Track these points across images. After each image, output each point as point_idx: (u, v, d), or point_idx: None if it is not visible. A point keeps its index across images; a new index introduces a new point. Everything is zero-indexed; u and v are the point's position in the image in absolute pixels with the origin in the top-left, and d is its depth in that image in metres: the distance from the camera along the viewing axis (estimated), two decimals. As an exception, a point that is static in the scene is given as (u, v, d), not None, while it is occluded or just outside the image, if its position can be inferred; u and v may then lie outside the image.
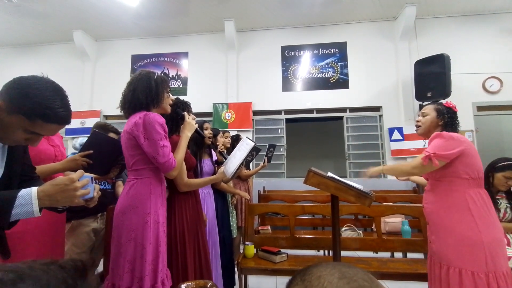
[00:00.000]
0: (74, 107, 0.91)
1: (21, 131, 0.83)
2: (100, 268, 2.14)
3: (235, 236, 2.82)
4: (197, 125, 1.68)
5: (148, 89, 1.40)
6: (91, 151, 1.44)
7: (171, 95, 1.55)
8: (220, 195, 2.38)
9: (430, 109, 1.58)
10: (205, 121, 2.25)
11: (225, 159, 2.26)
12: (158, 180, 1.41)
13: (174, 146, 1.51)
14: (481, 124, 4.52)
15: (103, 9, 4.56)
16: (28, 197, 0.75)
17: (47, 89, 0.83)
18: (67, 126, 0.96)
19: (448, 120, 1.52)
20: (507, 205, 1.98)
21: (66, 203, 0.81)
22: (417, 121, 1.62)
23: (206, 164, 2.22)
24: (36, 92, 0.81)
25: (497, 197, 1.98)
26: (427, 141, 1.57)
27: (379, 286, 0.38)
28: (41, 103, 0.81)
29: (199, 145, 2.10)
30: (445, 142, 1.40)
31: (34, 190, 0.77)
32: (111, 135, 2.01)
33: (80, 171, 0.84)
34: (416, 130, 1.64)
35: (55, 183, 0.79)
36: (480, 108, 4.57)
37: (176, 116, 1.68)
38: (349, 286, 0.37)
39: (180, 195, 1.65)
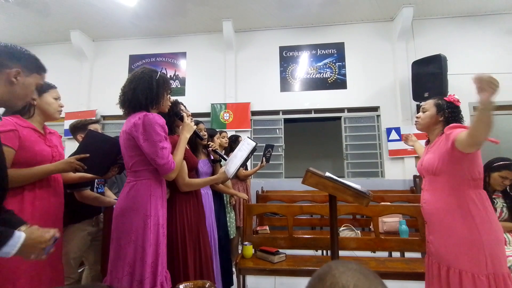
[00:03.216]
0: (71, 107, 0.93)
1: (34, 89, 0.95)
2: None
3: (234, 236, 2.82)
4: (195, 127, 1.67)
5: (148, 90, 1.38)
6: (87, 155, 1.40)
7: (170, 96, 1.54)
8: (216, 195, 2.37)
9: (430, 105, 1.56)
10: (199, 122, 2.24)
11: (221, 157, 2.26)
12: (158, 182, 1.38)
13: (172, 147, 1.50)
14: (478, 124, 4.55)
15: (100, 9, 4.55)
16: (17, 240, 0.78)
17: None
18: (65, 127, 0.98)
19: (449, 115, 1.48)
20: (503, 204, 2.00)
21: (28, 255, 0.83)
22: (417, 117, 1.60)
23: (203, 164, 2.22)
24: (23, 50, 0.92)
25: (493, 196, 2.00)
26: (422, 141, 1.56)
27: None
28: (35, 58, 0.96)
29: (194, 145, 2.09)
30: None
31: (23, 237, 0.79)
32: (93, 126, 1.98)
33: (55, 231, 0.89)
34: (416, 126, 1.62)
35: (36, 240, 0.82)
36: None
37: (174, 117, 1.68)
38: None
39: (182, 195, 1.64)
